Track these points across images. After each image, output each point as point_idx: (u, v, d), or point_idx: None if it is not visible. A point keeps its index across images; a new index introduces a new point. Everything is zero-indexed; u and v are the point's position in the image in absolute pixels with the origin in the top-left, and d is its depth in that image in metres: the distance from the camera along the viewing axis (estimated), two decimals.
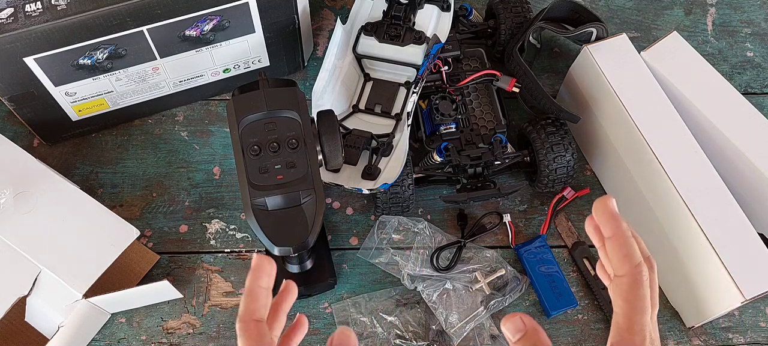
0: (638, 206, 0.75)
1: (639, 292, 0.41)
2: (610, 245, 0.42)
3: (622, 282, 0.41)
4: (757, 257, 0.64)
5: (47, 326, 0.70)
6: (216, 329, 0.73)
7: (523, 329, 0.40)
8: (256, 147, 0.63)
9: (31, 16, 0.66)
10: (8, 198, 0.69)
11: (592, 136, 0.79)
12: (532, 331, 0.40)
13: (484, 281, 0.74)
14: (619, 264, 0.42)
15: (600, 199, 0.43)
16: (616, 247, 0.42)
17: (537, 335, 0.40)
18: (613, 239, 0.42)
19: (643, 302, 0.41)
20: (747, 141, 0.69)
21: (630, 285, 0.41)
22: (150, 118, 0.85)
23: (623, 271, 0.41)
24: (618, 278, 0.42)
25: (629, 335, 0.40)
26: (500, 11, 0.83)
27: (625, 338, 0.40)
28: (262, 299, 0.45)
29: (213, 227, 0.79)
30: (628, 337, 0.40)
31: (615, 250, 0.42)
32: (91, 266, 0.68)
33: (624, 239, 0.42)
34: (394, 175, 0.73)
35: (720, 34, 0.92)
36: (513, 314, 0.41)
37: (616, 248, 0.42)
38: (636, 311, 0.40)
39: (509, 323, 0.41)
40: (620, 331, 0.40)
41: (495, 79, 0.79)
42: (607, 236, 0.43)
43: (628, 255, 0.41)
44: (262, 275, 0.45)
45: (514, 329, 0.41)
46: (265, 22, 0.77)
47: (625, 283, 0.41)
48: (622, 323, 0.40)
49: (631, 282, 0.41)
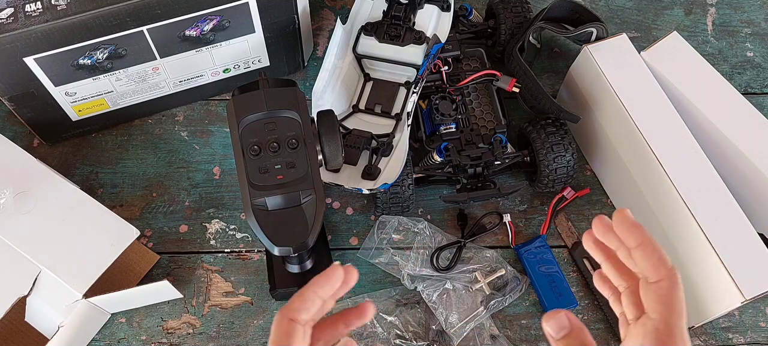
0: (638, 206, 0.75)
1: (679, 294, 0.40)
2: (641, 252, 0.42)
3: (661, 287, 0.40)
4: (757, 257, 0.64)
5: (47, 326, 0.70)
6: (216, 329, 0.73)
7: (569, 328, 0.39)
8: (256, 147, 0.63)
9: (31, 16, 0.66)
10: (8, 198, 0.69)
11: (592, 136, 0.79)
12: (578, 330, 0.39)
13: (484, 281, 0.74)
14: (654, 269, 0.41)
15: (618, 212, 0.42)
16: (649, 253, 0.41)
17: (583, 335, 0.39)
18: (643, 246, 0.42)
19: (682, 305, 0.40)
20: (747, 141, 0.69)
21: (669, 288, 0.40)
22: (150, 118, 0.85)
23: (660, 275, 0.41)
24: (654, 283, 0.41)
25: (670, 339, 0.39)
26: (500, 11, 0.83)
27: (666, 342, 0.39)
28: (310, 303, 0.43)
29: (213, 227, 0.79)
30: (668, 341, 0.39)
31: (647, 256, 0.41)
32: (91, 266, 0.68)
33: (654, 244, 0.41)
34: (394, 175, 0.73)
35: (720, 34, 0.92)
36: (556, 311, 0.39)
37: (649, 254, 0.41)
38: (676, 314, 0.40)
39: (552, 321, 0.39)
40: (660, 335, 0.39)
41: (495, 79, 0.79)
42: (635, 245, 0.42)
43: (662, 259, 0.41)
44: (326, 284, 0.43)
45: (558, 326, 0.39)
46: (265, 22, 0.77)
47: (664, 287, 0.40)
48: (662, 328, 0.40)
49: (671, 285, 0.40)
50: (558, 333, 0.39)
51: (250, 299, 0.75)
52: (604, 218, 0.43)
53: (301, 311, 0.43)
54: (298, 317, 0.43)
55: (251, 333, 0.73)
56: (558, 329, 0.39)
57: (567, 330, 0.39)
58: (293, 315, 0.43)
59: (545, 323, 0.40)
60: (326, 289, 0.43)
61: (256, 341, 0.73)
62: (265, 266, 0.76)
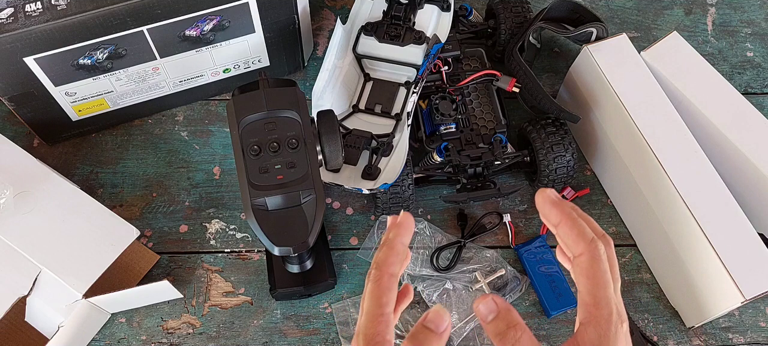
0: (638, 206, 0.75)
1: (600, 266, 0.41)
2: (561, 229, 0.43)
3: (582, 260, 0.42)
4: (757, 257, 0.64)
5: (47, 326, 0.70)
6: (216, 329, 0.73)
7: (496, 310, 0.41)
8: (256, 147, 0.63)
9: (31, 16, 0.66)
10: (8, 198, 0.69)
11: (592, 136, 0.79)
12: (504, 311, 0.40)
13: (484, 281, 0.74)
14: (574, 244, 0.42)
15: (539, 192, 0.43)
16: (567, 229, 0.42)
17: (510, 315, 0.40)
18: (562, 223, 0.43)
19: (605, 276, 0.41)
20: (747, 141, 0.69)
21: (589, 262, 0.41)
22: (150, 118, 0.85)
23: (580, 249, 0.42)
24: (577, 258, 0.42)
25: (596, 309, 0.40)
26: (500, 11, 0.83)
27: (593, 312, 0.40)
28: (402, 255, 0.44)
29: (213, 227, 0.79)
30: (595, 312, 0.40)
31: (567, 232, 0.42)
32: (91, 266, 0.68)
33: (572, 220, 0.42)
34: (394, 175, 0.73)
35: (720, 34, 0.92)
36: (484, 296, 0.41)
37: (568, 230, 0.42)
38: (599, 286, 0.41)
39: (482, 305, 0.41)
40: (587, 307, 0.40)
41: (495, 79, 0.79)
42: (556, 223, 0.43)
43: (580, 233, 0.42)
44: (406, 232, 0.44)
45: (486, 310, 0.41)
46: (265, 22, 0.77)
47: (584, 261, 0.41)
48: (587, 299, 0.41)
49: (590, 258, 0.41)
50: (487, 317, 0.41)
51: (250, 299, 0.75)
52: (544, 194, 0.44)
53: (397, 263, 0.43)
54: (396, 271, 0.43)
55: (251, 333, 0.73)
56: (486, 313, 0.41)
57: (495, 313, 0.41)
58: (392, 269, 0.43)
59: (475, 308, 0.41)
60: (407, 236, 0.44)
61: (256, 341, 0.73)
62: (265, 266, 0.76)
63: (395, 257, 0.43)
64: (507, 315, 0.40)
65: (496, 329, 0.40)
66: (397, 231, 0.44)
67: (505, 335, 0.40)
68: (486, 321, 0.41)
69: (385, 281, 0.42)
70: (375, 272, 0.43)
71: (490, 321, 0.41)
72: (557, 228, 0.43)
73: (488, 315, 0.41)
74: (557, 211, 0.43)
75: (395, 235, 0.44)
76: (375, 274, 0.43)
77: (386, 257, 0.43)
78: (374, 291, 0.42)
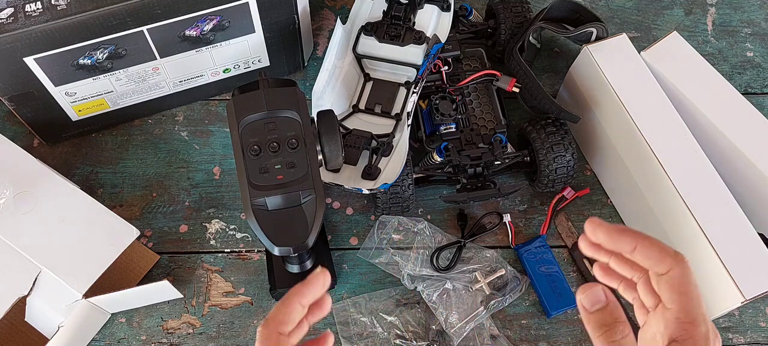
0: (638, 206, 0.75)
1: (692, 280, 0.39)
2: (640, 252, 0.41)
3: (672, 276, 0.40)
4: (757, 257, 0.64)
5: (47, 326, 0.70)
6: (216, 329, 0.73)
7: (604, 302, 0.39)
8: (256, 147, 0.63)
9: (31, 16, 0.66)
10: (8, 198, 0.69)
11: (592, 136, 0.79)
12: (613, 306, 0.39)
13: (484, 281, 0.74)
14: (659, 261, 0.40)
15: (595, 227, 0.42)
16: (648, 248, 0.41)
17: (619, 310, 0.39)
18: (640, 244, 0.41)
19: (697, 290, 0.39)
20: (747, 141, 0.69)
21: (681, 276, 0.39)
22: (150, 118, 0.85)
23: (667, 265, 0.40)
24: (664, 275, 0.40)
25: (694, 327, 0.38)
26: (500, 11, 0.83)
27: (690, 330, 0.38)
28: (296, 314, 0.43)
29: (213, 227, 0.79)
30: (693, 329, 0.38)
31: (649, 252, 0.41)
32: (91, 266, 0.68)
33: (650, 239, 0.41)
34: (394, 175, 0.73)
35: (720, 34, 0.92)
36: (592, 284, 0.39)
37: (649, 249, 0.41)
38: (694, 301, 0.39)
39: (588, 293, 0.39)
40: (682, 324, 0.39)
41: (495, 79, 0.79)
42: (632, 249, 0.41)
43: (664, 249, 0.40)
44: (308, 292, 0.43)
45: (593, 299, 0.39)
46: (265, 22, 0.77)
47: (675, 276, 0.39)
48: (682, 316, 0.39)
49: (682, 272, 0.39)
50: (592, 306, 0.39)
51: (250, 299, 0.75)
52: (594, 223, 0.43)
53: (288, 323, 0.42)
54: (286, 330, 0.42)
55: (251, 333, 0.73)
56: (593, 302, 0.39)
57: (602, 304, 0.39)
58: (282, 329, 0.42)
59: (580, 295, 0.39)
60: (308, 296, 0.43)
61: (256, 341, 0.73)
62: (265, 266, 0.76)
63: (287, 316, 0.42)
64: (616, 310, 0.39)
65: (601, 321, 0.39)
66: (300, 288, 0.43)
67: (613, 328, 0.38)
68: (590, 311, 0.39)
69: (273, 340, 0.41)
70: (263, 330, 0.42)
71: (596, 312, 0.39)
72: (635, 252, 0.41)
73: (595, 305, 0.39)
74: (628, 237, 0.41)
75: (294, 292, 0.43)
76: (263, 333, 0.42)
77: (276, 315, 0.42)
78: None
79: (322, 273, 0.44)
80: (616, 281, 0.46)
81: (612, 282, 0.47)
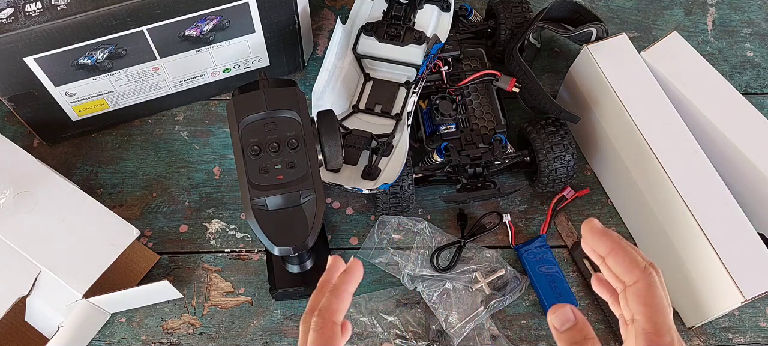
0: (638, 206, 0.75)
1: (657, 292, 0.40)
2: (612, 258, 0.42)
3: (638, 288, 0.41)
4: (757, 257, 0.64)
5: (47, 326, 0.70)
6: (216, 329, 0.73)
7: (573, 321, 0.40)
8: (256, 147, 0.63)
9: (31, 16, 0.66)
10: (8, 198, 0.69)
11: (592, 136, 0.79)
12: (582, 323, 0.40)
13: (484, 281, 0.74)
14: (628, 272, 0.41)
15: (585, 223, 0.43)
16: (619, 258, 0.42)
17: (587, 328, 0.40)
18: (613, 252, 0.42)
19: (662, 302, 0.40)
20: (747, 141, 0.69)
21: (647, 288, 0.40)
22: (150, 118, 0.85)
23: (635, 276, 0.41)
24: (631, 286, 0.41)
25: (658, 337, 0.39)
26: (500, 11, 0.83)
27: (655, 340, 0.39)
28: (346, 302, 0.44)
29: (213, 227, 0.79)
30: (657, 340, 0.39)
31: (619, 261, 0.42)
32: (91, 266, 0.68)
33: (623, 249, 0.42)
34: (394, 175, 0.73)
35: (720, 34, 0.92)
36: (561, 305, 0.40)
37: (620, 259, 0.42)
38: (659, 312, 0.40)
39: (558, 313, 0.40)
40: (648, 335, 0.40)
41: (495, 79, 0.79)
42: (606, 253, 0.42)
43: (634, 260, 0.41)
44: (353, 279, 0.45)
45: (563, 319, 0.40)
46: (265, 22, 0.77)
47: (641, 288, 0.41)
48: (647, 327, 0.40)
49: (647, 285, 0.40)
50: (562, 326, 0.40)
51: (250, 299, 0.75)
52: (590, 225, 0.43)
53: (340, 311, 0.44)
54: (340, 318, 0.43)
55: (251, 333, 0.73)
56: (563, 321, 0.40)
57: (571, 323, 0.40)
58: (336, 317, 0.43)
59: (550, 315, 0.40)
60: (354, 283, 0.45)
61: (256, 341, 0.73)
62: (265, 266, 0.76)
63: (340, 305, 0.44)
64: (584, 327, 0.40)
65: (571, 339, 0.40)
66: (346, 278, 0.44)
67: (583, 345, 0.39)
68: (560, 330, 0.40)
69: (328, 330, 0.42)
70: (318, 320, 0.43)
71: (566, 330, 0.40)
72: (608, 257, 0.42)
73: (564, 324, 0.40)
74: (607, 240, 0.42)
75: (342, 282, 0.44)
76: (318, 322, 0.43)
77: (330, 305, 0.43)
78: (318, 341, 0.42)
79: (358, 261, 0.46)
80: (608, 293, 0.47)
81: (604, 294, 0.47)
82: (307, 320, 0.44)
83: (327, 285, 0.46)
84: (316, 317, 0.43)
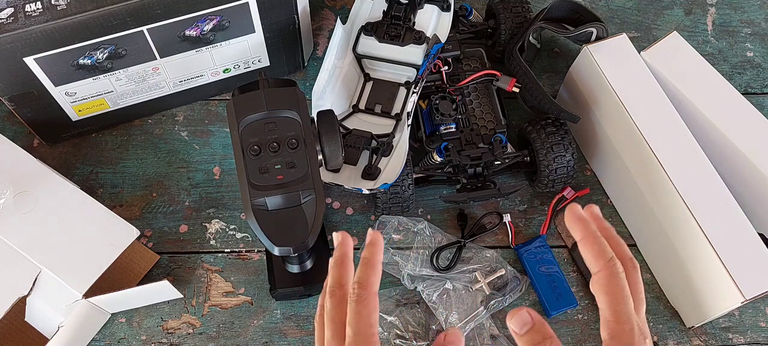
0: (638, 206, 0.75)
1: (617, 282, 0.42)
2: (582, 246, 0.44)
3: (600, 276, 0.42)
4: (757, 257, 0.64)
5: (47, 326, 0.70)
6: (216, 329, 0.73)
7: (530, 323, 0.41)
8: (256, 147, 0.63)
9: (31, 16, 0.66)
10: (8, 198, 0.69)
11: (592, 136, 0.79)
12: (539, 324, 0.41)
13: (484, 281, 0.74)
14: (593, 261, 0.43)
15: (569, 208, 0.44)
16: (588, 246, 0.43)
17: (544, 328, 0.41)
18: (583, 239, 0.43)
19: (624, 292, 0.41)
20: (747, 141, 0.69)
21: (608, 278, 0.42)
22: (150, 118, 0.85)
23: (598, 266, 0.42)
24: (596, 274, 0.43)
25: (618, 325, 0.40)
26: (500, 11, 0.83)
27: (615, 328, 0.40)
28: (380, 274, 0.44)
29: (213, 227, 0.79)
30: (617, 327, 0.40)
31: (587, 249, 0.43)
32: (91, 266, 0.68)
33: (593, 238, 0.43)
34: (394, 175, 0.73)
35: (720, 34, 0.92)
36: (518, 309, 0.41)
37: (588, 247, 0.43)
38: (618, 301, 0.41)
39: (516, 318, 0.41)
40: (609, 324, 0.41)
41: (495, 79, 0.79)
42: (579, 239, 0.44)
43: (600, 252, 0.43)
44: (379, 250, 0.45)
45: (520, 323, 0.41)
46: (265, 22, 0.77)
47: (602, 277, 0.42)
48: (608, 315, 0.41)
49: (608, 275, 0.42)
50: (522, 329, 0.41)
51: (250, 299, 0.75)
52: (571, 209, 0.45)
53: (377, 283, 0.44)
54: (377, 289, 0.44)
55: (251, 333, 0.73)
56: (521, 325, 0.41)
57: (529, 325, 0.41)
58: (375, 289, 0.43)
59: (509, 321, 0.42)
60: (381, 253, 0.45)
61: (256, 341, 0.73)
62: (265, 266, 0.76)
63: (376, 276, 0.44)
64: (542, 327, 0.41)
65: (531, 341, 0.41)
66: (373, 249, 0.45)
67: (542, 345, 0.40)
68: (520, 333, 0.41)
69: (371, 301, 0.43)
70: (360, 291, 0.43)
71: (525, 333, 0.41)
72: (579, 244, 0.44)
73: (523, 327, 0.41)
74: (580, 227, 0.44)
75: (371, 253, 0.44)
76: (360, 293, 0.43)
77: (368, 277, 0.43)
78: (362, 312, 0.42)
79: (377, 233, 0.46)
80: None
81: None
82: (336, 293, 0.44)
83: (346, 259, 0.46)
84: (357, 288, 0.43)
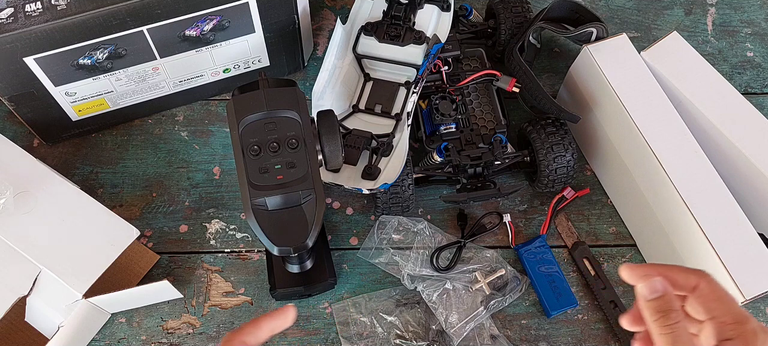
0: (638, 206, 0.75)
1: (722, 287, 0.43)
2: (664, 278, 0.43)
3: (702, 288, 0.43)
4: (757, 257, 0.64)
5: (47, 326, 0.70)
6: (216, 329, 0.73)
7: (661, 292, 0.42)
8: (256, 147, 0.63)
9: (31, 16, 0.66)
10: (8, 198, 0.69)
11: (592, 136, 0.79)
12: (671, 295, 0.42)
13: (484, 281, 0.74)
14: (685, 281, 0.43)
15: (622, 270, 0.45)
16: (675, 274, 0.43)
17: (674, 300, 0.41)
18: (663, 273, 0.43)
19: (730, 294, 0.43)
20: (747, 141, 0.69)
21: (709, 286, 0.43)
22: (150, 118, 0.85)
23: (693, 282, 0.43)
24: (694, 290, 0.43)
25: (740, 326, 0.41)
26: (500, 11, 0.83)
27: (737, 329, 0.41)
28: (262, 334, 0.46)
29: (213, 227, 0.79)
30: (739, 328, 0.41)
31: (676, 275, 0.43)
32: (91, 266, 0.68)
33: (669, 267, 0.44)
34: (394, 175, 0.73)
35: (720, 34, 0.92)
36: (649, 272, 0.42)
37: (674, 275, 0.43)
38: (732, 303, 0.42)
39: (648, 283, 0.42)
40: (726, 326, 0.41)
41: (495, 79, 0.79)
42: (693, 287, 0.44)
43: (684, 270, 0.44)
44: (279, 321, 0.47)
45: (651, 289, 0.42)
46: (265, 22, 0.77)
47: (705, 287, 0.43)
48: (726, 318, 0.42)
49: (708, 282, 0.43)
50: (651, 295, 0.42)
51: (250, 299, 0.75)
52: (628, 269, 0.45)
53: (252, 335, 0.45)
54: (250, 342, 0.45)
55: None
56: (651, 290, 0.42)
57: (659, 294, 0.42)
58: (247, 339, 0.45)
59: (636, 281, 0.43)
60: (277, 326, 0.47)
61: None
62: (265, 266, 0.76)
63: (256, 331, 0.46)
64: (672, 299, 0.42)
65: (659, 307, 0.41)
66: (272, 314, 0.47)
67: (668, 315, 0.41)
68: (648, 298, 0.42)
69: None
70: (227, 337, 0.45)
71: (654, 299, 0.42)
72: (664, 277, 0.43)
73: (653, 293, 0.42)
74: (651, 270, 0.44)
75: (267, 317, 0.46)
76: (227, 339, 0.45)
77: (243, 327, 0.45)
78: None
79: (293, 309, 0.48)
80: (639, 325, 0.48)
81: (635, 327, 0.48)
82: None
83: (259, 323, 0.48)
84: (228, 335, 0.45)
